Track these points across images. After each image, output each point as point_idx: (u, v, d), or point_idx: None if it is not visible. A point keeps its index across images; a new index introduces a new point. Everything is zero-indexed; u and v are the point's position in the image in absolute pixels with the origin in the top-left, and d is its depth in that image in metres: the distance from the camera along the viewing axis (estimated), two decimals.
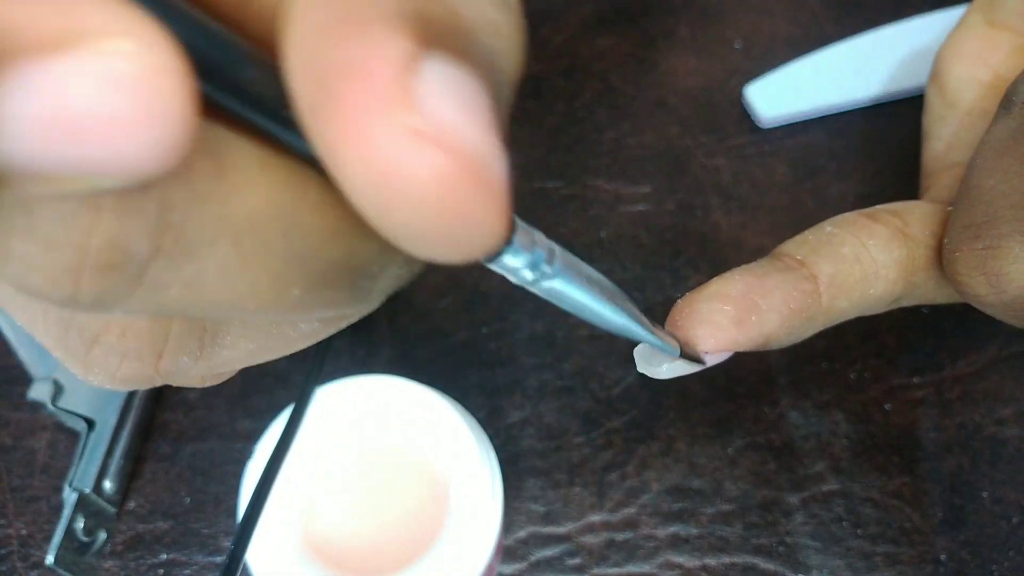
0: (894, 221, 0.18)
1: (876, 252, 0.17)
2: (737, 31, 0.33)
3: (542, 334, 0.27)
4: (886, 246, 0.18)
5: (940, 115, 0.24)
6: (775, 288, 0.17)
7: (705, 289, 0.17)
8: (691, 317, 0.16)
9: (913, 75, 0.31)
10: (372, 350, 0.27)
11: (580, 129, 0.31)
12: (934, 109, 0.25)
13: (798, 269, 0.17)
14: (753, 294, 0.16)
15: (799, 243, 0.18)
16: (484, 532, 0.19)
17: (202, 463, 0.25)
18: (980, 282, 0.16)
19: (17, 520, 0.24)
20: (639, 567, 0.23)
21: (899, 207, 0.19)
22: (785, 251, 0.18)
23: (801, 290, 0.17)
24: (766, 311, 0.16)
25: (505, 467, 0.25)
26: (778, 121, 0.31)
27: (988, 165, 0.17)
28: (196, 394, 0.26)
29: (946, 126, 0.24)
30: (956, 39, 0.24)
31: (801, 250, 0.18)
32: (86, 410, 0.24)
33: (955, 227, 0.17)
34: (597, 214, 0.29)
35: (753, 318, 0.16)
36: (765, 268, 0.17)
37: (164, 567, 0.24)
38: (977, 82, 0.24)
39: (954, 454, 0.25)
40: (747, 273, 0.17)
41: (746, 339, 0.16)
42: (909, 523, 0.24)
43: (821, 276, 0.17)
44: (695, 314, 0.16)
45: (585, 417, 0.26)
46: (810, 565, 0.24)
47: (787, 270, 0.17)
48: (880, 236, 0.18)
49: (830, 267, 0.17)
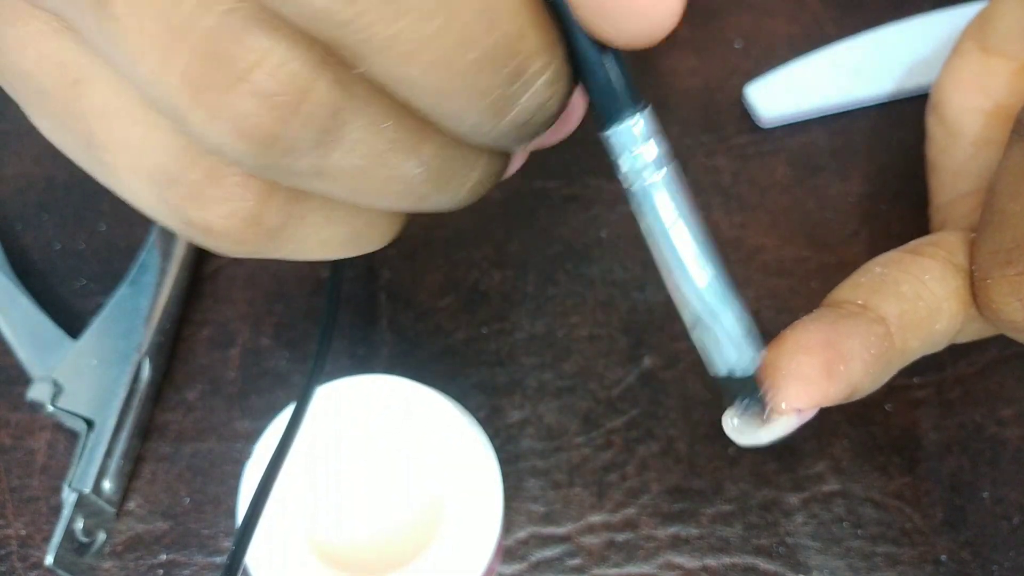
0: (940, 252, 0.17)
1: (934, 286, 0.17)
2: (737, 31, 0.33)
3: (542, 334, 0.27)
4: (942, 278, 0.17)
5: (943, 147, 0.24)
6: (851, 335, 0.16)
7: (782, 344, 0.16)
8: (776, 373, 0.15)
9: (914, 75, 0.31)
10: (372, 350, 0.27)
11: (580, 129, 0.31)
12: (937, 141, 0.24)
13: (864, 313, 0.16)
14: (834, 343, 0.15)
15: (853, 287, 0.17)
16: (484, 532, 0.19)
17: (201, 463, 0.25)
18: (1016, 308, 0.16)
19: (16, 520, 0.24)
20: (639, 567, 0.23)
21: (936, 239, 0.18)
22: (841, 297, 0.17)
23: (875, 334, 0.16)
24: (850, 359, 0.16)
25: (505, 467, 0.25)
26: (778, 121, 0.31)
27: (1011, 190, 0.17)
28: (195, 394, 0.26)
29: (951, 157, 0.24)
30: (952, 69, 0.24)
31: (858, 294, 0.17)
32: (85, 410, 0.24)
33: (983, 254, 0.17)
34: (597, 214, 0.29)
35: (841, 368, 0.15)
36: (831, 316, 0.16)
37: (163, 567, 0.24)
38: (978, 111, 0.23)
39: (955, 454, 0.25)
40: (817, 322, 0.16)
41: (836, 391, 0.15)
42: (910, 523, 0.24)
43: (889, 318, 0.16)
44: (780, 370, 0.15)
45: (585, 417, 0.26)
46: (810, 565, 0.24)
47: (854, 315, 0.16)
48: (933, 270, 0.17)
49: (895, 307, 0.16)
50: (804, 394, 0.15)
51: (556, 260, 0.28)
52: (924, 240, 0.19)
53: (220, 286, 0.28)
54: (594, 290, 0.28)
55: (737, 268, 0.28)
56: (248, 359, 0.27)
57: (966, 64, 0.24)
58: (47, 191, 0.30)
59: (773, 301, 0.27)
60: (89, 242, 0.29)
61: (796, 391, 0.15)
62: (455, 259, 0.28)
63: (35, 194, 0.30)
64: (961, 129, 0.24)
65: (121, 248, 0.29)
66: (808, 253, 0.28)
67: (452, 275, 0.28)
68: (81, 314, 0.27)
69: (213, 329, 0.27)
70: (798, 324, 0.16)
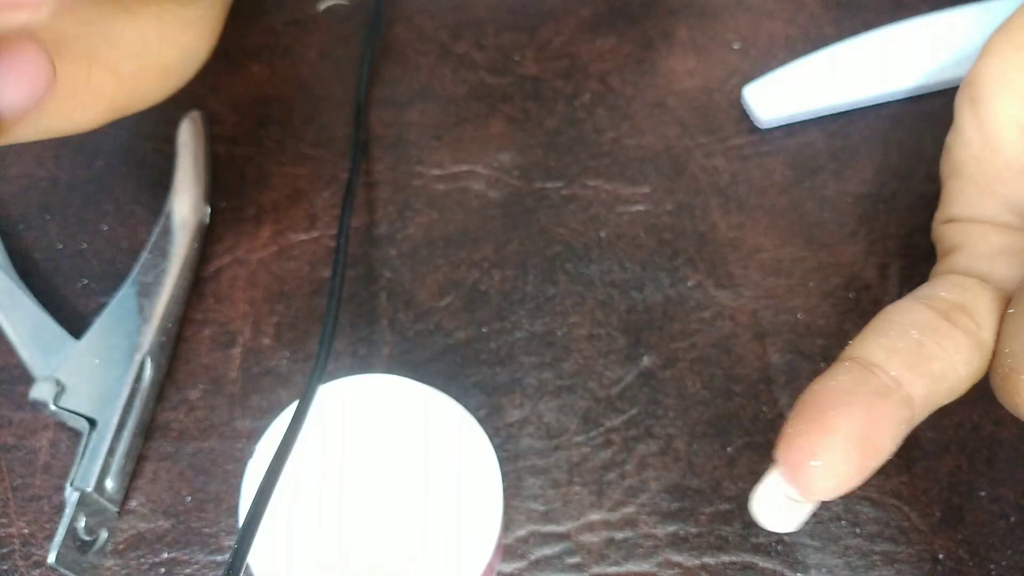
0: (970, 325, 0.16)
1: (961, 367, 0.16)
2: (736, 32, 0.33)
3: (541, 333, 0.27)
4: (968, 359, 0.16)
5: (976, 152, 0.20)
6: (886, 425, 0.15)
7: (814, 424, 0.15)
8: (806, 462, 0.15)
9: (911, 75, 0.31)
10: (372, 349, 0.27)
11: (579, 130, 0.31)
12: (969, 142, 0.21)
13: (896, 393, 0.15)
14: (871, 438, 0.15)
15: (888, 353, 0.16)
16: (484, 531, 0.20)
17: (203, 462, 0.25)
18: None
19: (19, 519, 0.24)
20: (638, 566, 0.24)
21: (967, 301, 0.17)
22: (874, 359, 0.16)
23: (904, 420, 0.15)
24: (881, 453, 0.15)
25: (505, 466, 0.25)
26: (776, 122, 0.31)
27: None
28: (197, 394, 0.26)
29: (983, 170, 0.20)
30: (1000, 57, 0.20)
31: (892, 363, 0.16)
32: (88, 410, 0.24)
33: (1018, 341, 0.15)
34: (596, 214, 0.29)
35: (871, 464, 0.15)
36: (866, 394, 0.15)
37: (165, 566, 0.24)
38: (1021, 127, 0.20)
39: (952, 453, 0.25)
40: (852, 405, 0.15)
41: (859, 484, 0.15)
42: (907, 522, 0.24)
43: (917, 399, 0.16)
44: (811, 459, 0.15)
45: (585, 416, 0.26)
46: (808, 564, 0.24)
47: (886, 395, 0.15)
48: (963, 348, 0.16)
49: (924, 388, 0.16)
50: (837, 491, 0.15)
51: (556, 260, 0.28)
52: (953, 301, 0.17)
53: (222, 286, 0.28)
54: (593, 290, 0.28)
55: (735, 268, 0.28)
56: (249, 359, 0.27)
57: (1020, 58, 0.20)
58: (49, 191, 0.30)
59: (771, 301, 0.28)
60: (91, 242, 0.29)
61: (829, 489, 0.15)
62: (455, 259, 0.28)
63: (37, 194, 0.30)
64: (1000, 142, 0.20)
65: (123, 248, 0.29)
66: (806, 253, 0.28)
67: (452, 275, 0.28)
68: (83, 314, 0.27)
69: (215, 329, 0.27)
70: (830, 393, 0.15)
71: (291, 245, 0.29)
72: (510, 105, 0.32)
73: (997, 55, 0.20)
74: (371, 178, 0.30)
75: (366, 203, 0.30)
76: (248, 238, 0.29)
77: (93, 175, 0.30)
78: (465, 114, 0.31)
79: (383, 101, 0.32)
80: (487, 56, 0.33)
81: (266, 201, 0.30)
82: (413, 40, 0.33)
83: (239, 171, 0.30)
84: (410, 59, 0.33)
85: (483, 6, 0.34)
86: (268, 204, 0.30)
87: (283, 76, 0.33)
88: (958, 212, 0.21)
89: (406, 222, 0.29)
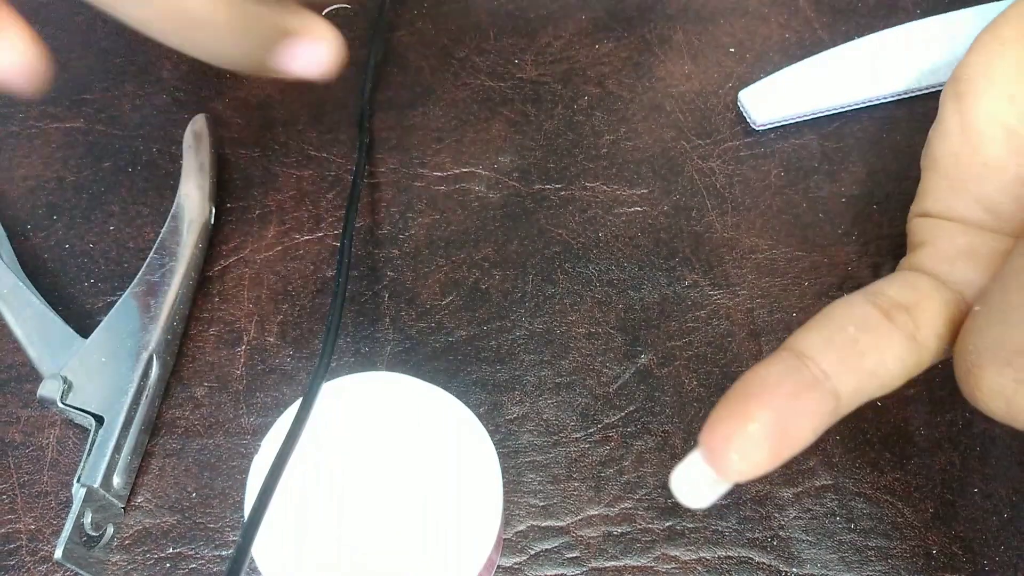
0: (909, 325, 0.17)
1: (892, 364, 0.16)
2: (732, 37, 0.33)
3: (541, 332, 0.27)
4: (901, 356, 0.16)
5: (955, 147, 0.20)
6: (806, 415, 0.16)
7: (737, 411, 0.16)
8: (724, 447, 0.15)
9: (904, 78, 0.31)
10: (375, 347, 0.27)
11: (578, 133, 0.32)
12: (949, 136, 0.20)
13: (823, 385, 0.16)
14: (788, 429, 0.15)
15: (824, 344, 0.16)
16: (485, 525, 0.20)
17: (208, 458, 0.25)
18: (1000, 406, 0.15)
19: (26, 515, 0.25)
20: (636, 560, 0.24)
21: (913, 301, 0.17)
22: (809, 353, 0.16)
23: (827, 411, 0.16)
24: (797, 442, 0.16)
25: (505, 462, 0.25)
26: (771, 124, 0.31)
27: None
28: (203, 391, 0.27)
29: (959, 164, 0.20)
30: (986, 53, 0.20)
31: (825, 355, 0.16)
32: (95, 407, 0.24)
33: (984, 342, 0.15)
34: (594, 215, 0.30)
35: (786, 451, 0.16)
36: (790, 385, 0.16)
37: (171, 560, 0.24)
38: (1005, 127, 0.19)
39: (945, 450, 0.25)
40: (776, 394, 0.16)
41: (773, 468, 0.16)
42: (901, 518, 0.24)
43: (843, 395, 0.16)
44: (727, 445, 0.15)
45: (583, 413, 0.26)
46: (804, 559, 0.24)
47: (812, 388, 0.16)
48: (897, 346, 0.16)
49: (853, 382, 0.16)
50: (748, 473, 0.16)
51: (555, 260, 0.29)
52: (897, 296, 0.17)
53: (227, 286, 0.28)
54: (592, 289, 0.28)
55: (731, 268, 0.29)
56: (254, 357, 0.27)
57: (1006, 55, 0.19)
58: (57, 192, 0.30)
59: (766, 300, 0.28)
60: (98, 242, 0.29)
61: (742, 471, 0.15)
62: (456, 259, 0.29)
63: (45, 195, 0.30)
64: (980, 138, 0.19)
65: (130, 248, 0.29)
66: (800, 253, 0.29)
67: (453, 275, 0.29)
68: (90, 313, 0.28)
69: (220, 327, 0.28)
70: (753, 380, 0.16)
71: (295, 245, 0.29)
72: (510, 108, 0.32)
73: (983, 52, 0.20)
74: (374, 180, 0.31)
75: (369, 204, 0.30)
76: (253, 238, 0.29)
77: (100, 176, 0.31)
78: (466, 117, 0.32)
79: (386, 104, 0.32)
80: (488, 60, 0.33)
81: (271, 202, 0.30)
82: (415, 44, 0.34)
83: (244, 172, 0.31)
84: (412, 63, 0.33)
85: (484, 11, 0.35)
86: (273, 205, 0.30)
87: (288, 80, 0.33)
88: (931, 206, 0.21)
89: (408, 223, 0.29)
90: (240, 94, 0.33)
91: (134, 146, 0.31)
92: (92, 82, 0.33)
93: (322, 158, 0.31)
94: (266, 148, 0.31)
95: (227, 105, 0.32)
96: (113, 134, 0.31)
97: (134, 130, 0.32)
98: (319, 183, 0.30)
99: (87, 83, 0.33)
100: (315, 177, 0.31)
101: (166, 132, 0.32)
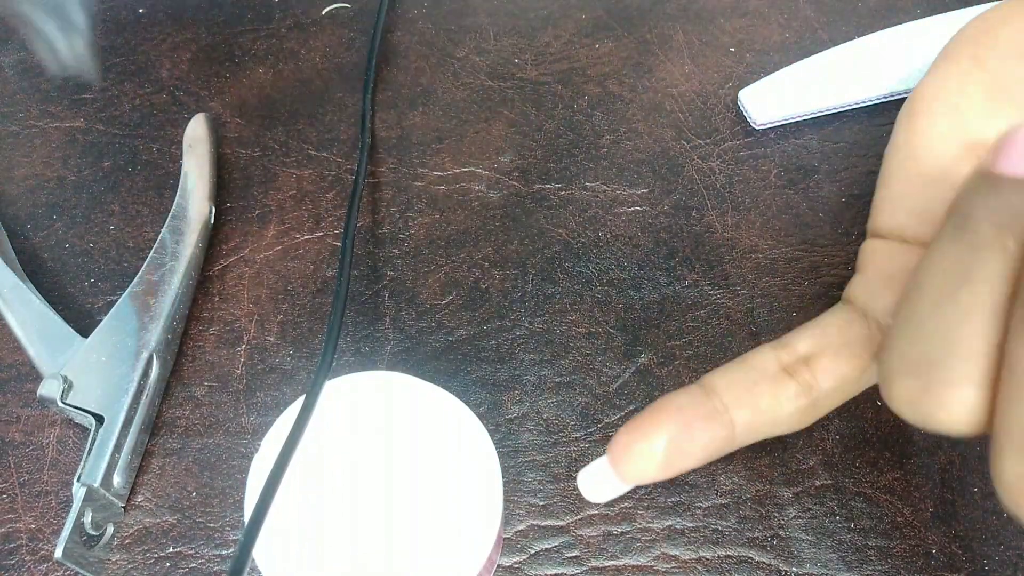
0: (806, 377, 0.19)
1: (787, 405, 0.19)
2: (732, 37, 0.33)
3: (541, 331, 0.27)
4: (795, 401, 0.19)
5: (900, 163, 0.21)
6: (700, 438, 0.19)
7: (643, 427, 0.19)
8: (625, 454, 0.19)
9: (904, 79, 0.31)
10: (376, 347, 0.27)
11: (578, 133, 0.32)
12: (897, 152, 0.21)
13: (722, 416, 0.19)
14: (682, 443, 0.18)
15: (729, 383, 0.19)
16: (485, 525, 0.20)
17: (208, 458, 0.25)
18: (910, 413, 0.16)
19: (26, 514, 0.25)
20: (636, 559, 0.24)
21: (818, 351, 0.19)
22: (716, 388, 0.19)
23: (721, 439, 0.19)
24: (688, 458, 0.19)
25: (505, 461, 0.25)
26: (771, 124, 0.31)
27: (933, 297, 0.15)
28: (203, 391, 0.27)
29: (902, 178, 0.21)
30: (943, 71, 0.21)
31: (728, 392, 0.19)
32: (95, 406, 0.24)
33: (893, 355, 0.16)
34: (595, 215, 0.30)
35: (678, 465, 0.19)
36: (688, 414, 0.19)
37: (171, 560, 0.24)
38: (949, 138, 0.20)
39: (944, 450, 0.25)
40: (678, 417, 0.19)
41: (666, 477, 0.19)
42: (901, 517, 0.24)
43: (739, 423, 0.19)
44: (628, 452, 0.18)
45: (583, 412, 0.26)
46: (803, 558, 0.24)
47: (713, 417, 0.19)
48: (793, 399, 0.19)
49: (747, 416, 0.19)
50: (638, 479, 0.19)
51: (555, 260, 0.29)
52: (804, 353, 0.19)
53: (227, 285, 0.28)
54: (591, 289, 0.28)
55: (731, 268, 0.29)
56: (254, 356, 0.27)
57: (953, 72, 0.20)
58: (57, 192, 0.30)
59: (766, 300, 0.28)
60: (98, 242, 0.29)
61: (633, 475, 0.18)
62: (456, 259, 0.29)
63: (45, 195, 0.30)
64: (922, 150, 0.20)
65: (130, 247, 0.29)
66: (800, 253, 0.29)
67: (453, 274, 0.29)
68: (90, 312, 0.28)
69: (220, 327, 0.28)
70: (661, 407, 0.19)
71: (296, 245, 0.29)
72: (510, 108, 0.32)
73: (939, 71, 0.21)
74: (374, 179, 0.31)
75: (369, 204, 0.30)
76: (253, 238, 0.29)
77: (100, 176, 0.31)
78: (466, 117, 0.32)
79: (386, 104, 0.32)
80: (488, 61, 0.33)
81: (271, 201, 0.30)
82: (415, 45, 0.34)
83: (245, 172, 0.31)
84: (412, 63, 0.33)
85: (484, 12, 0.35)
86: (273, 204, 0.30)
87: (288, 79, 0.33)
88: (881, 223, 0.21)
89: (408, 222, 0.30)
90: (240, 94, 0.33)
91: (134, 146, 0.31)
92: (92, 82, 0.33)
93: (322, 158, 0.31)
94: (266, 148, 0.31)
95: (227, 105, 0.32)
96: (113, 133, 0.31)
97: (134, 130, 0.32)
98: (319, 183, 0.30)
99: (87, 83, 0.33)
100: (315, 177, 0.31)
101: (166, 132, 0.32)
